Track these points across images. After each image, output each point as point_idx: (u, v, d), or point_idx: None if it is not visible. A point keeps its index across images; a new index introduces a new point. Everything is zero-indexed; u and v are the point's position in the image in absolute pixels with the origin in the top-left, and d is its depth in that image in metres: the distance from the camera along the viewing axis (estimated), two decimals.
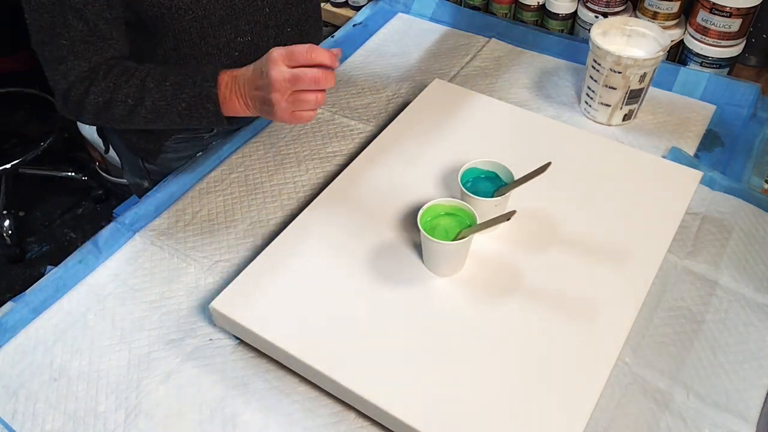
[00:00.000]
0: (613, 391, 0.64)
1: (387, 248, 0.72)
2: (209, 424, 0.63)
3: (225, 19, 0.79)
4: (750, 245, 0.76)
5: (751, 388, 0.64)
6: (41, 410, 0.65)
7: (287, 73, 0.64)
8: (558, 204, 0.75)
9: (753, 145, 0.88)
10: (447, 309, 0.66)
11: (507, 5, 1.18)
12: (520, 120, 0.86)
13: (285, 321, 0.65)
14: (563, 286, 0.68)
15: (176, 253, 0.78)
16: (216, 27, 0.79)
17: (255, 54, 0.81)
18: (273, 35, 0.85)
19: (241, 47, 0.82)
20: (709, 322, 0.69)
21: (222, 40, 0.80)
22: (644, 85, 0.87)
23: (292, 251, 0.72)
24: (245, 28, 0.81)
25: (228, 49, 0.81)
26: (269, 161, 0.88)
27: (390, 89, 0.99)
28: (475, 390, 0.60)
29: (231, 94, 0.71)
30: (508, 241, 0.72)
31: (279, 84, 0.65)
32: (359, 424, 0.63)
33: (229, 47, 0.81)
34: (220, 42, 0.80)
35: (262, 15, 0.82)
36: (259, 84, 0.67)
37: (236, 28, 0.80)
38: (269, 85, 0.65)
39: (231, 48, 0.81)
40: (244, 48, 0.82)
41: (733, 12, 0.96)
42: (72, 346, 0.69)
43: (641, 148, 0.88)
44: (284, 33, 0.86)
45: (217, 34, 0.79)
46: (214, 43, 0.80)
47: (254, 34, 0.82)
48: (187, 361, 0.68)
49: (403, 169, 0.80)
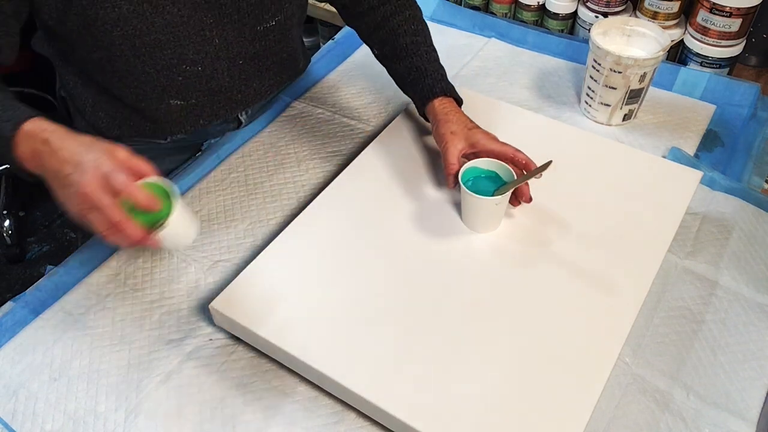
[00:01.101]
0: (613, 391, 0.64)
1: (387, 248, 0.72)
2: (209, 424, 0.63)
3: (164, 44, 0.74)
4: (750, 245, 0.76)
5: (751, 388, 0.64)
6: (41, 410, 0.65)
7: (96, 192, 0.55)
8: (558, 204, 0.75)
9: (753, 145, 0.88)
10: (446, 311, 0.66)
11: (507, 5, 1.18)
12: (520, 120, 0.86)
13: (285, 321, 0.65)
14: (563, 286, 0.68)
15: (176, 253, 0.78)
16: (152, 48, 0.74)
17: (208, 84, 0.81)
18: (226, 67, 0.81)
19: (188, 74, 0.79)
20: (709, 322, 0.69)
21: (161, 63, 0.76)
22: (644, 85, 0.87)
23: (292, 251, 0.72)
24: (192, 57, 0.77)
25: (169, 73, 0.77)
26: (269, 161, 0.88)
27: (390, 89, 0.99)
28: (475, 390, 0.60)
29: (29, 149, 0.59)
30: (508, 240, 0.72)
31: (82, 196, 0.55)
32: (359, 424, 0.63)
33: (171, 72, 0.77)
34: (158, 64, 0.76)
35: (211, 46, 0.78)
36: (66, 172, 0.56)
37: (180, 55, 0.76)
38: (76, 186, 0.55)
39: (174, 73, 0.77)
40: (191, 76, 0.79)
41: (733, 12, 0.96)
42: (72, 346, 0.69)
43: (641, 148, 0.88)
44: (238, 65, 0.82)
45: (155, 56, 0.75)
46: (151, 63, 0.75)
47: (204, 64, 0.79)
48: (187, 361, 0.68)
49: (403, 170, 0.80)
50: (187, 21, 0.74)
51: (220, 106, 0.85)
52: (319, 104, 0.97)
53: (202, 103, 0.83)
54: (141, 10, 0.70)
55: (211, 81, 0.81)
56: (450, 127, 0.76)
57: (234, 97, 0.85)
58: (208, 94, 0.83)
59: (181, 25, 0.74)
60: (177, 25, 0.74)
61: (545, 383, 0.60)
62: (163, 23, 0.73)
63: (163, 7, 0.72)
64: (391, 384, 0.60)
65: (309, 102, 0.98)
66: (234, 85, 0.84)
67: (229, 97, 0.85)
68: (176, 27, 0.74)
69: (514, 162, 0.72)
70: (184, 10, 0.73)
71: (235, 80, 0.83)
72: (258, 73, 0.86)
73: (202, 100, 0.83)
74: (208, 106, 0.84)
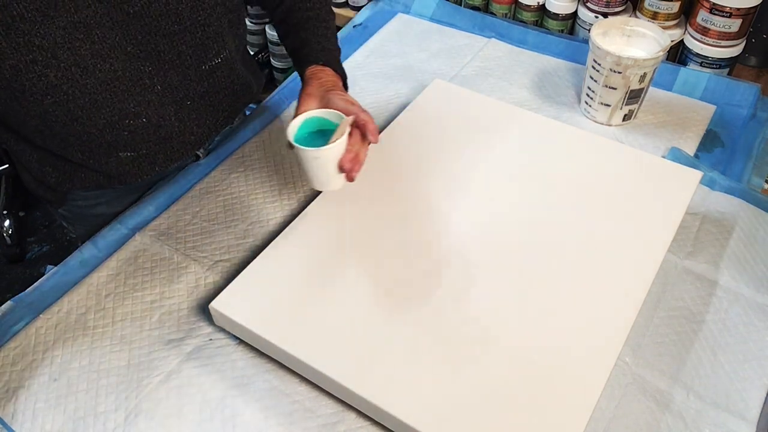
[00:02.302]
0: (613, 391, 0.64)
1: (387, 247, 0.72)
2: (209, 424, 0.63)
3: (101, 103, 0.69)
4: (750, 245, 0.76)
5: (751, 388, 0.64)
6: (41, 410, 0.65)
7: None
8: (557, 204, 0.75)
9: (753, 145, 0.88)
10: (447, 309, 0.66)
11: (507, 5, 1.18)
12: (520, 120, 0.86)
13: (285, 321, 0.65)
14: (562, 286, 0.68)
15: (176, 253, 0.78)
16: (89, 110, 0.69)
17: (156, 132, 0.76)
18: (173, 111, 0.76)
19: (133, 128, 0.74)
20: (709, 322, 0.69)
21: (102, 122, 0.71)
22: (644, 85, 0.87)
23: (292, 251, 0.72)
24: (135, 109, 0.72)
25: (113, 129, 0.73)
26: (269, 161, 0.88)
27: (390, 89, 0.99)
28: (475, 390, 0.60)
29: None
30: (508, 240, 0.72)
31: None
32: (359, 424, 0.63)
33: (115, 128, 0.73)
34: (99, 123, 0.71)
35: (153, 94, 0.73)
36: None
37: (121, 111, 0.71)
38: None
39: (118, 128, 0.73)
40: (138, 128, 0.74)
41: (733, 12, 0.96)
42: (72, 346, 0.70)
43: (641, 148, 0.88)
44: (186, 107, 0.77)
45: (94, 117, 0.70)
46: (91, 124, 0.71)
47: (149, 114, 0.74)
48: (187, 361, 0.68)
49: (403, 169, 0.80)
50: (122, 75, 0.69)
51: (174, 151, 0.80)
52: None
53: (154, 151, 0.78)
54: (70, 74, 0.65)
55: (159, 129, 0.76)
56: (307, 90, 0.73)
57: (187, 139, 0.80)
58: (159, 142, 0.78)
59: (116, 80, 0.69)
60: (112, 81, 0.68)
61: (545, 383, 0.60)
62: (95, 83, 0.67)
63: (93, 66, 0.66)
64: (391, 384, 0.60)
65: None
66: (186, 128, 0.79)
67: (182, 140, 0.80)
68: (112, 83, 0.69)
69: (357, 122, 0.68)
70: (117, 65, 0.68)
71: (186, 123, 0.79)
72: (210, 110, 0.81)
73: (154, 148, 0.78)
74: (161, 153, 0.79)
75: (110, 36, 0.66)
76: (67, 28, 0.63)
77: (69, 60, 0.64)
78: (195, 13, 0.71)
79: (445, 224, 0.74)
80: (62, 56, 0.64)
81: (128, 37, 0.68)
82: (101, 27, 0.65)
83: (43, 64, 0.63)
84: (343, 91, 0.74)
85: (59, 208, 0.88)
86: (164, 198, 0.84)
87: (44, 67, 0.63)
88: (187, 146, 0.82)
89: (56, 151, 0.76)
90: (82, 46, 0.64)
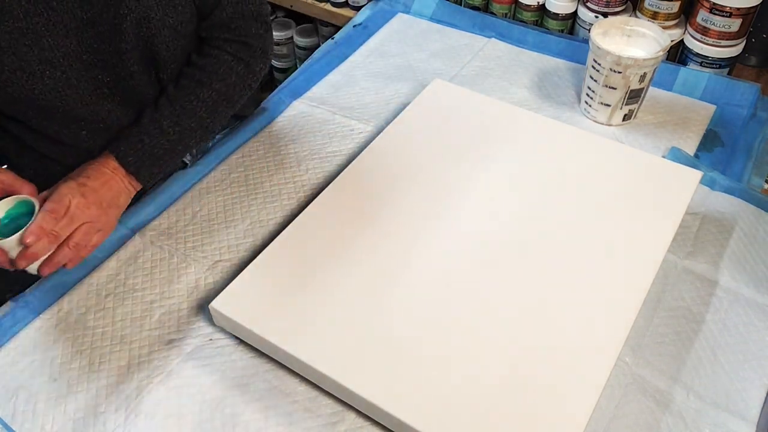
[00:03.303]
0: (613, 391, 0.64)
1: (387, 248, 0.72)
2: (209, 424, 0.63)
3: (52, 110, 0.69)
4: (750, 245, 0.76)
5: (751, 388, 0.64)
6: (41, 410, 0.65)
7: None
8: (557, 204, 0.75)
9: (753, 145, 0.88)
10: (447, 309, 0.66)
11: (507, 5, 1.18)
12: (520, 120, 0.86)
13: (285, 321, 0.65)
14: (562, 285, 0.68)
15: (176, 253, 0.78)
16: (40, 114, 0.70)
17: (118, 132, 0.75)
18: (135, 118, 0.75)
19: (91, 130, 0.74)
20: (709, 322, 0.69)
21: (54, 126, 0.72)
22: (644, 85, 0.87)
23: (291, 251, 0.72)
24: (92, 117, 0.73)
25: (69, 131, 0.73)
26: (269, 161, 0.88)
27: (390, 89, 0.99)
28: (475, 390, 0.60)
29: None
30: (508, 240, 0.72)
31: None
32: (359, 424, 0.63)
33: (69, 129, 0.73)
34: (53, 126, 0.72)
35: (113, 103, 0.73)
36: None
37: (76, 116, 0.72)
38: None
39: (72, 129, 0.73)
40: (94, 131, 0.74)
41: (733, 12, 0.96)
42: (72, 346, 0.69)
43: (641, 148, 0.88)
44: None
45: (45, 121, 0.71)
46: (44, 126, 0.72)
47: (110, 120, 0.74)
48: (187, 361, 0.68)
49: (402, 170, 0.80)
50: (77, 83, 0.69)
51: None
52: (319, 104, 0.97)
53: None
54: (15, 78, 0.65)
55: (122, 130, 0.75)
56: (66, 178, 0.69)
57: None
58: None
59: (69, 88, 0.68)
60: (64, 89, 0.68)
61: (545, 383, 0.60)
62: (44, 89, 0.67)
63: (41, 72, 0.66)
64: (391, 384, 0.60)
65: (309, 102, 0.98)
66: None
67: None
68: (63, 91, 0.68)
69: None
70: (71, 72, 0.68)
71: None
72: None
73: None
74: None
75: (64, 44, 0.66)
76: (12, 34, 0.63)
77: (14, 65, 0.64)
78: (141, 30, 0.69)
79: (445, 224, 0.74)
80: (6, 61, 0.64)
81: (83, 45, 0.67)
82: (53, 35, 0.65)
83: None
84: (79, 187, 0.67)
85: None
86: (164, 198, 0.84)
87: None
88: None
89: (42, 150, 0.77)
90: (29, 52, 0.64)
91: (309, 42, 1.62)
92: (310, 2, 1.42)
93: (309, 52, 1.54)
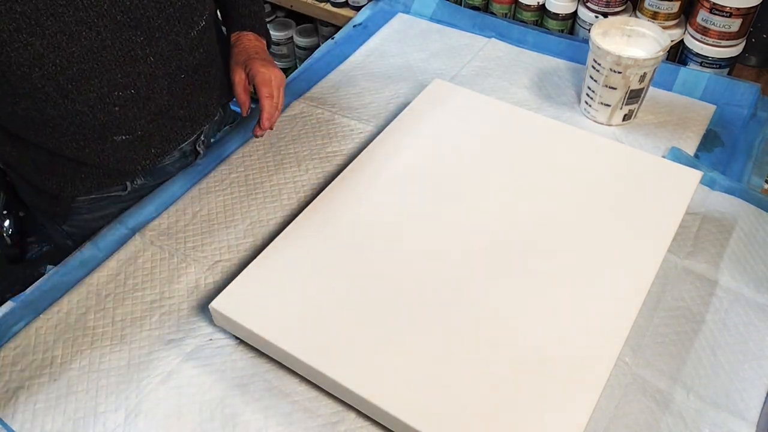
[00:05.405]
0: (613, 391, 0.64)
1: (387, 248, 0.72)
2: (209, 424, 0.63)
3: (89, 74, 0.68)
4: (750, 245, 0.76)
5: (751, 388, 0.64)
6: (41, 410, 0.65)
7: None
8: (557, 204, 0.75)
9: (753, 145, 0.88)
10: (448, 309, 0.66)
11: (507, 5, 1.18)
12: (520, 120, 0.86)
13: (285, 321, 0.65)
14: (562, 285, 0.68)
15: (176, 253, 0.78)
16: (78, 81, 0.68)
17: (145, 106, 0.75)
18: (166, 84, 0.76)
19: (123, 101, 0.73)
20: (709, 322, 0.69)
21: (92, 96, 0.70)
22: (644, 85, 0.87)
23: (292, 251, 0.72)
24: (124, 80, 0.71)
25: (103, 105, 0.71)
26: (269, 161, 0.88)
27: (390, 89, 0.99)
28: (475, 390, 0.60)
29: None
30: (507, 240, 0.72)
31: None
32: (359, 424, 0.63)
33: (104, 102, 0.71)
34: (89, 98, 0.70)
35: (145, 65, 0.72)
36: None
37: (110, 82, 0.70)
38: None
39: (107, 103, 0.72)
40: (127, 101, 0.73)
41: (733, 12, 0.96)
42: (72, 346, 0.70)
43: (641, 148, 0.88)
44: (179, 80, 0.77)
45: (84, 90, 0.69)
46: (81, 100, 0.69)
47: (138, 86, 0.73)
48: (187, 361, 0.68)
49: (402, 170, 0.80)
50: (111, 44, 0.68)
51: (169, 130, 0.80)
52: (319, 104, 0.97)
53: (149, 132, 0.78)
54: (56, 42, 0.64)
55: (150, 102, 0.75)
56: (234, 58, 0.84)
57: (180, 114, 0.80)
58: (153, 119, 0.77)
59: (104, 50, 0.68)
60: (100, 51, 0.67)
61: (545, 383, 0.60)
62: (83, 51, 0.66)
63: (79, 34, 0.65)
64: (392, 384, 0.60)
65: (309, 102, 0.98)
66: (178, 102, 0.79)
67: (174, 116, 0.79)
68: (99, 53, 0.67)
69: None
70: (105, 33, 0.67)
71: (178, 97, 0.78)
72: (203, 85, 0.81)
73: (148, 128, 0.77)
74: (156, 133, 0.79)
75: (97, 3, 0.66)
76: None
77: (54, 27, 0.64)
78: None
79: (444, 224, 0.74)
80: (46, 24, 0.63)
81: (116, 5, 0.68)
82: None
83: (27, 32, 0.62)
84: (264, 55, 0.84)
85: (64, 224, 0.88)
86: (164, 198, 0.84)
87: (29, 35, 0.63)
88: (182, 125, 0.81)
89: (51, 148, 0.75)
90: (65, 12, 0.64)
91: (309, 42, 1.62)
92: (310, 2, 1.42)
93: (309, 52, 1.54)
